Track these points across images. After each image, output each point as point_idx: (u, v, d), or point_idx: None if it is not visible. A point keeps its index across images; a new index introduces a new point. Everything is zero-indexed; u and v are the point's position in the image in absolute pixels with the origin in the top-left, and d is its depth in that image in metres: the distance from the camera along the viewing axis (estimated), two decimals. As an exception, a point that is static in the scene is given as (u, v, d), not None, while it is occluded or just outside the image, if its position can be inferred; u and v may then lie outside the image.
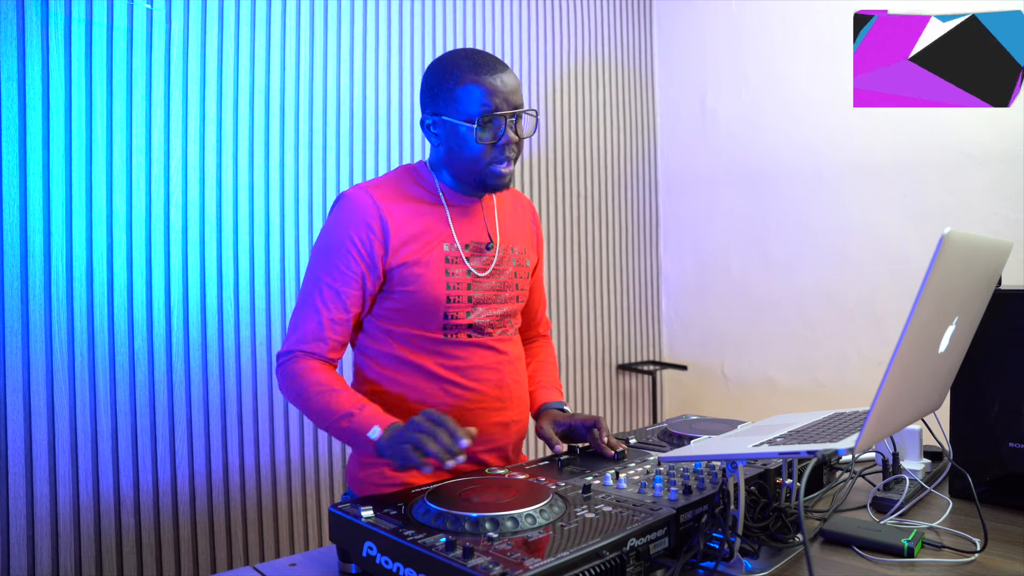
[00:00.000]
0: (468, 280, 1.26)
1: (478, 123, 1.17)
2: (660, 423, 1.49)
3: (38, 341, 1.65)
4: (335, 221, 1.22)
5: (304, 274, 1.26)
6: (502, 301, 1.31)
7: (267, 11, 2.05)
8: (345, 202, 1.22)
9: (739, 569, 0.90)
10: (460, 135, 1.20)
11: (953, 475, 1.19)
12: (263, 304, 2.03)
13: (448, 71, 1.21)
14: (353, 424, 1.09)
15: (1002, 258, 1.09)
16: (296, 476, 2.10)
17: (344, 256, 1.19)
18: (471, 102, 1.18)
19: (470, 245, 1.28)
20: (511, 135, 1.20)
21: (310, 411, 1.17)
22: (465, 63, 1.20)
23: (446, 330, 1.25)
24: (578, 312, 3.01)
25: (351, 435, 1.10)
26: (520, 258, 1.36)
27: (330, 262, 1.20)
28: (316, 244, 1.25)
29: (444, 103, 1.21)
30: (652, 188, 3.42)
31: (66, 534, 1.68)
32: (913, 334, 0.79)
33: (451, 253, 1.25)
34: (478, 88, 1.18)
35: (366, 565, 0.87)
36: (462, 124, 1.19)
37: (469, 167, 1.22)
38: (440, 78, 1.21)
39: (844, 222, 2.77)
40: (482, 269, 1.28)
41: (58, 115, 1.68)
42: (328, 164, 2.19)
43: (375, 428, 1.07)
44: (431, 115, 1.24)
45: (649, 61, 3.41)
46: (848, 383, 2.76)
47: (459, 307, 1.25)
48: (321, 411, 1.14)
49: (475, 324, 1.27)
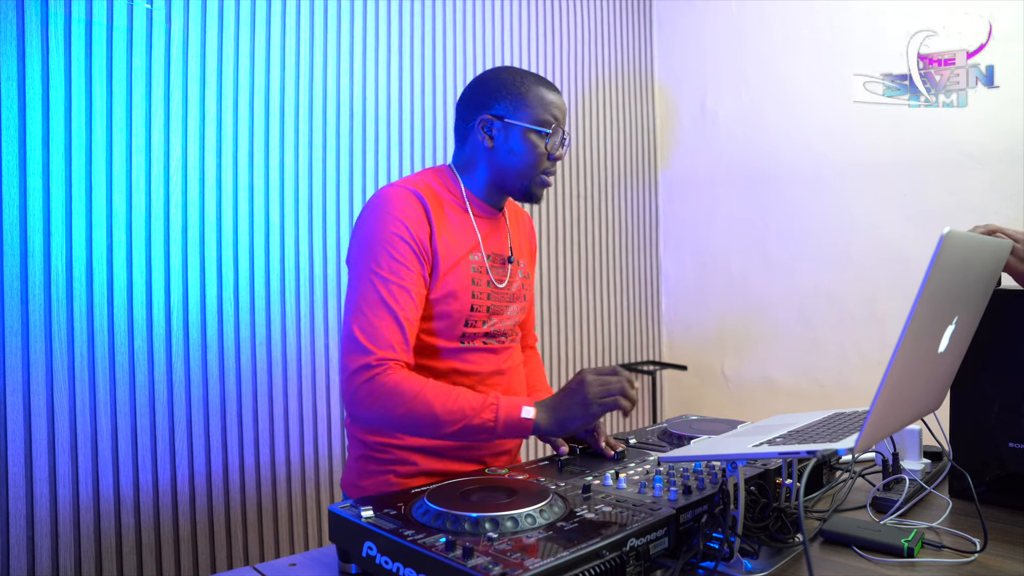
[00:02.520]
0: (488, 291, 1.26)
1: (550, 130, 1.23)
2: (660, 423, 1.49)
3: (38, 341, 1.65)
4: (384, 216, 1.15)
5: (351, 277, 1.18)
6: (512, 312, 1.32)
7: (267, 11, 2.05)
8: (392, 197, 1.17)
9: (739, 569, 0.90)
10: (525, 139, 1.23)
11: (953, 475, 1.19)
12: (263, 304, 2.03)
13: (517, 78, 1.25)
14: (499, 414, 1.09)
15: (1002, 258, 1.09)
16: (296, 476, 2.10)
17: (403, 250, 1.14)
18: (543, 110, 1.23)
19: (491, 256, 1.28)
20: (561, 153, 1.26)
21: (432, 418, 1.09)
22: (531, 76, 1.26)
23: (464, 338, 1.25)
24: (578, 312, 3.01)
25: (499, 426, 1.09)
26: (525, 270, 1.39)
27: (390, 258, 1.13)
28: (362, 240, 1.17)
29: (514, 106, 1.23)
30: (652, 188, 3.42)
31: (66, 534, 1.68)
32: (913, 334, 0.79)
33: (476, 263, 1.25)
34: (548, 100, 1.23)
35: (366, 565, 0.87)
36: (532, 128, 1.22)
37: (522, 173, 1.24)
38: (508, 83, 1.24)
39: (844, 222, 2.77)
40: (500, 281, 1.29)
41: (58, 115, 1.68)
42: (328, 164, 2.19)
43: (525, 409, 1.10)
44: (492, 117, 1.23)
45: (649, 61, 3.41)
46: (848, 383, 2.76)
47: (479, 316, 1.25)
48: (452, 413, 1.09)
49: (490, 333, 1.28)
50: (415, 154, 2.40)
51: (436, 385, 1.12)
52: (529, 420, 1.10)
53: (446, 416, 1.09)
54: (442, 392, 1.10)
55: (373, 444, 1.26)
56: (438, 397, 1.09)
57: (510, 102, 1.23)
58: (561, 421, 1.10)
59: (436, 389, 1.11)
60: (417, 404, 1.08)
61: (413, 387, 1.09)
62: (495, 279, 1.27)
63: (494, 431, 1.10)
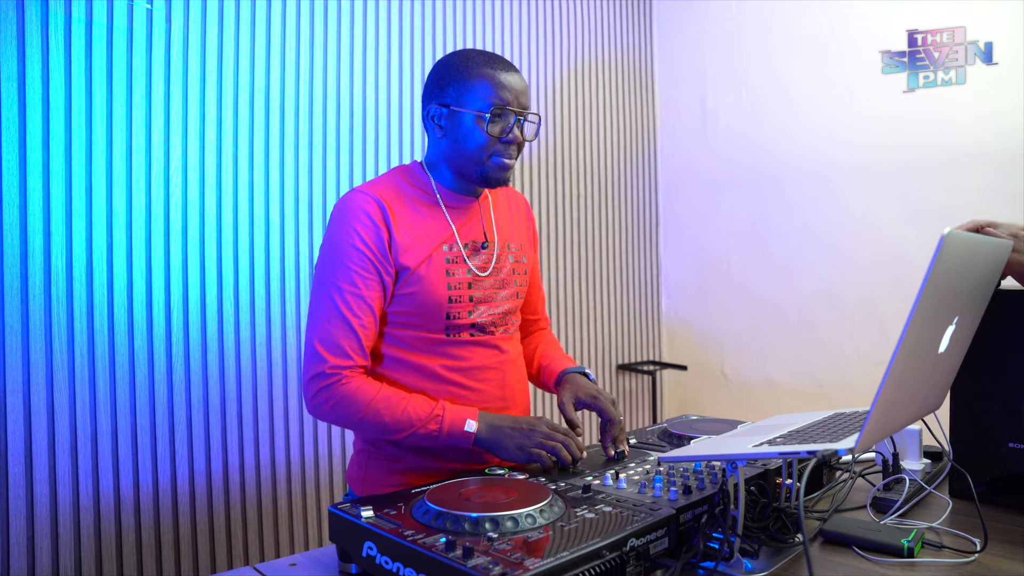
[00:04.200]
0: (469, 279, 1.26)
1: (490, 114, 1.19)
2: (660, 423, 1.49)
3: (38, 341, 1.65)
4: (341, 225, 1.20)
5: (312, 285, 1.23)
6: (503, 299, 1.31)
7: (267, 11, 2.05)
8: (349, 205, 1.21)
9: (739, 569, 0.90)
10: (468, 126, 1.21)
11: (953, 475, 1.19)
12: (263, 304, 2.03)
13: (462, 63, 1.22)
14: (444, 425, 1.14)
15: (1002, 258, 1.09)
16: (296, 476, 2.10)
17: (359, 259, 1.17)
18: (485, 94, 1.20)
19: (469, 244, 1.28)
20: (516, 134, 1.22)
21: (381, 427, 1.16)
22: (480, 58, 1.22)
23: (448, 330, 1.25)
24: (578, 312, 3.01)
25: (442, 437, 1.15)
26: (517, 254, 1.36)
27: (345, 267, 1.18)
28: (323, 252, 1.22)
29: (455, 93, 1.22)
30: (652, 188, 3.42)
31: (66, 534, 1.68)
32: (913, 334, 0.79)
33: (451, 253, 1.25)
34: (492, 82, 1.20)
35: (366, 565, 0.87)
36: (473, 114, 1.20)
37: (473, 159, 1.22)
38: (453, 68, 1.23)
39: (844, 222, 2.77)
40: (483, 268, 1.28)
41: (58, 115, 1.68)
42: (328, 164, 2.19)
43: (469, 422, 1.15)
44: (438, 105, 1.23)
45: (649, 61, 3.41)
46: (848, 383, 2.76)
47: (461, 307, 1.25)
48: (399, 423, 1.14)
49: (477, 323, 1.27)
50: (415, 154, 2.40)
51: (388, 394, 1.16)
52: (471, 434, 1.15)
53: (394, 425, 1.15)
54: (393, 401, 1.15)
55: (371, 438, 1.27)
56: (388, 407, 1.15)
57: (455, 88, 1.22)
58: (498, 445, 1.16)
59: (387, 399, 1.15)
60: (368, 413, 1.14)
61: (365, 396, 1.15)
62: (476, 267, 1.27)
63: (438, 440, 1.16)
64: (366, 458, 1.28)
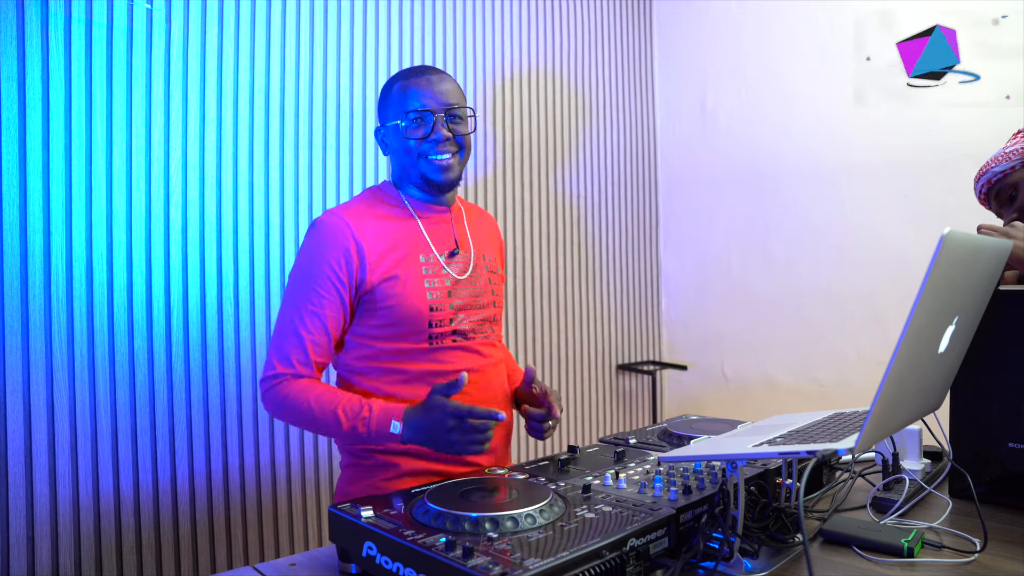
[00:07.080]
0: (448, 288, 1.29)
1: (408, 120, 1.27)
2: (660, 423, 1.49)
3: (38, 341, 1.65)
4: (310, 247, 1.26)
5: (282, 298, 1.29)
6: (480, 307, 1.34)
7: (267, 11, 2.05)
8: (319, 228, 1.26)
9: (739, 569, 0.90)
10: (398, 137, 1.29)
11: (953, 475, 1.19)
12: (263, 304, 2.03)
13: (389, 83, 1.32)
14: (371, 426, 1.16)
15: (1002, 258, 1.09)
16: (296, 476, 2.10)
17: (322, 280, 1.23)
18: (399, 104, 1.29)
19: (445, 254, 1.31)
20: (443, 131, 1.27)
21: (316, 426, 1.20)
22: (400, 74, 1.32)
23: (431, 339, 1.28)
24: (578, 312, 3.01)
25: (371, 437, 1.16)
26: (492, 265, 1.41)
27: (308, 287, 1.23)
28: (293, 270, 1.28)
29: (384, 110, 1.32)
30: (652, 188, 3.41)
31: (66, 534, 1.68)
32: (913, 334, 0.79)
33: (428, 264, 1.29)
34: (404, 92, 1.29)
35: (366, 565, 0.87)
36: (396, 124, 1.29)
37: (410, 163, 1.29)
38: (382, 91, 1.34)
39: (844, 222, 2.77)
40: (461, 272, 1.32)
41: (58, 115, 1.68)
42: (328, 164, 2.19)
43: (394, 423, 1.15)
44: (378, 127, 1.34)
45: (649, 61, 3.41)
46: (848, 383, 2.76)
47: (442, 315, 1.28)
48: (330, 423, 1.17)
49: (459, 330, 1.30)
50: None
51: (321, 395, 1.20)
52: (397, 435, 1.16)
53: (330, 424, 1.18)
54: (325, 401, 1.19)
55: (356, 451, 1.29)
56: (321, 408, 1.18)
57: (382, 108, 1.33)
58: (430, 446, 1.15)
59: (320, 400, 1.19)
60: (305, 413, 1.19)
61: (300, 397, 1.20)
62: (454, 272, 1.31)
63: (369, 440, 1.18)
64: (352, 472, 1.31)
